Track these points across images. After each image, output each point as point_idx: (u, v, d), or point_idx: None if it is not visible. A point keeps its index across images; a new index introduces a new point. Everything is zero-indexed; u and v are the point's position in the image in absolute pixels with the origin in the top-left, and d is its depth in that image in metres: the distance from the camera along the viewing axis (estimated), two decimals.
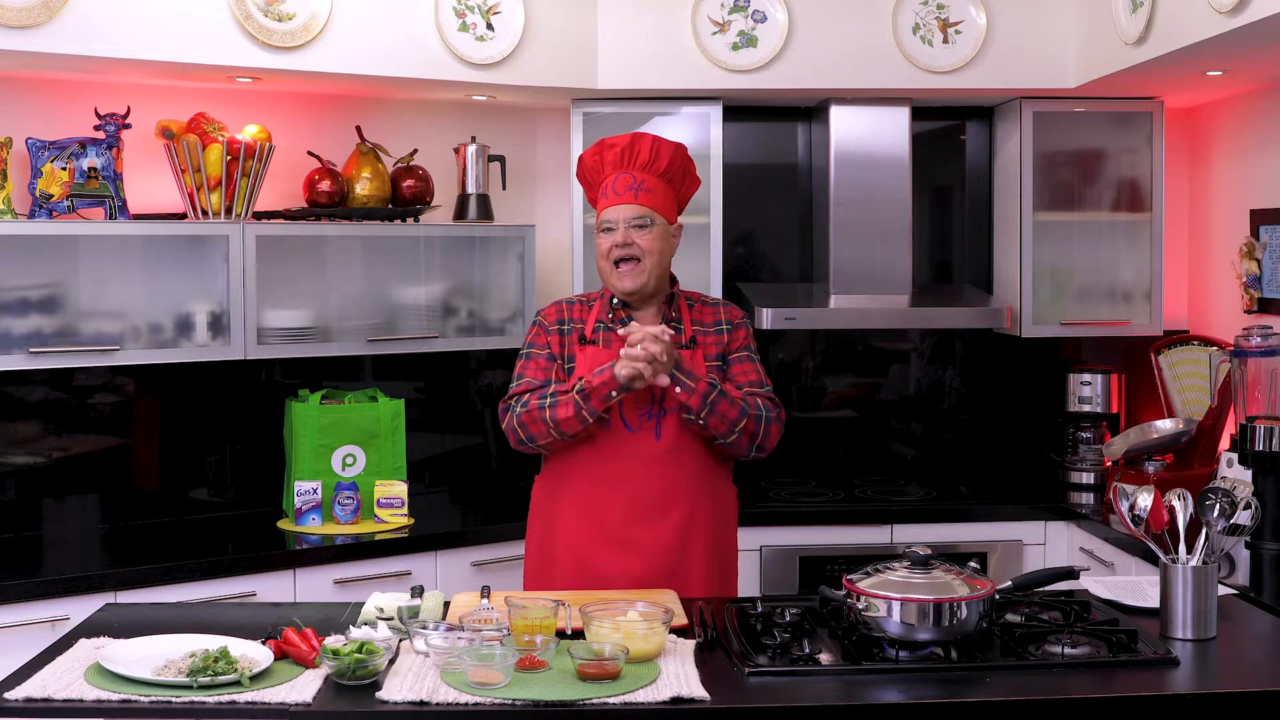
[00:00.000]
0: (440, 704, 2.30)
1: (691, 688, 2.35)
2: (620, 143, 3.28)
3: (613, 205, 3.24)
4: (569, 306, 3.35)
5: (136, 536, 4.02)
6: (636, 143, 3.28)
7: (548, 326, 3.31)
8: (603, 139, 3.33)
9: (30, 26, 3.45)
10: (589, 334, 3.27)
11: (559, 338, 3.29)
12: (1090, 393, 4.71)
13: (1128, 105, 4.56)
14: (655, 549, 3.19)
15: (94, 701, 2.33)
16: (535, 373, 3.28)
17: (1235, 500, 2.72)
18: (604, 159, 3.29)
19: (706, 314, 3.33)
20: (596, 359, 3.21)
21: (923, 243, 4.85)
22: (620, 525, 3.20)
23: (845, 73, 4.32)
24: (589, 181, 3.36)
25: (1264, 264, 4.33)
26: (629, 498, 3.20)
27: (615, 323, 3.26)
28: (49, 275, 3.77)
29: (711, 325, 3.31)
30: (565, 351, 3.27)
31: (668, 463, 3.20)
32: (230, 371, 4.27)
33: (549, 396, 3.17)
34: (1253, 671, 2.69)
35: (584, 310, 3.33)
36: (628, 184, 3.25)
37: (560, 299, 3.41)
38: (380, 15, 3.97)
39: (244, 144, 3.95)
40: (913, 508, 4.39)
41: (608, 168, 3.28)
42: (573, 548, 3.24)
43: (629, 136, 3.29)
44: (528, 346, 3.34)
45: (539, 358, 3.29)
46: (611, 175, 3.27)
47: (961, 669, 2.49)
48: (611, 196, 3.25)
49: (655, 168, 3.28)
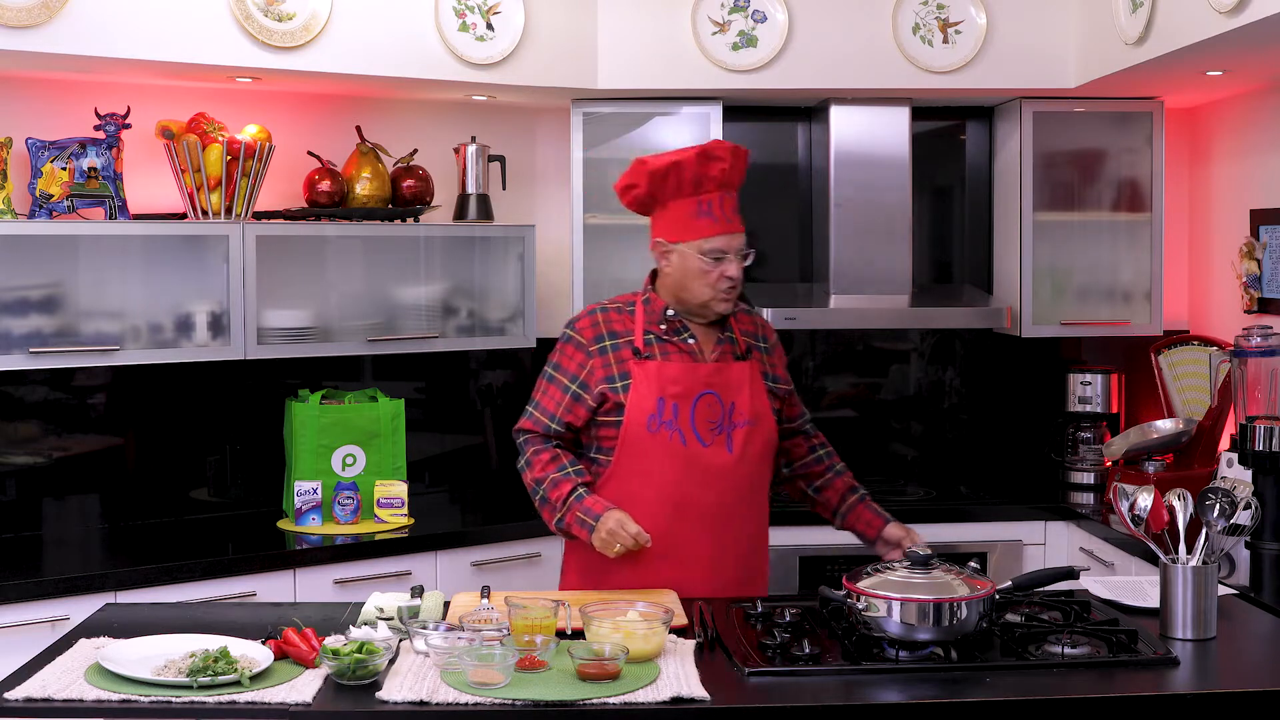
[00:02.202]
0: (440, 704, 2.30)
1: (691, 688, 2.35)
2: (726, 158, 3.07)
3: (725, 233, 3.06)
4: (605, 316, 3.17)
5: (136, 536, 4.02)
6: (738, 159, 3.10)
7: (587, 348, 3.13)
8: (705, 148, 3.09)
9: (30, 26, 3.45)
10: (642, 346, 3.12)
11: (601, 358, 3.11)
12: (1090, 393, 4.71)
13: (1128, 105, 4.56)
14: (724, 562, 3.12)
15: (94, 701, 2.33)
16: (550, 405, 3.14)
17: (1235, 500, 2.72)
18: (708, 172, 3.06)
19: (746, 322, 3.24)
20: (661, 374, 3.08)
21: (923, 243, 4.85)
22: (695, 542, 3.10)
23: (845, 73, 4.32)
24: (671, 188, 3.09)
25: (1264, 264, 4.33)
26: (708, 513, 3.10)
27: (671, 333, 3.12)
28: (49, 275, 3.77)
29: (751, 335, 3.23)
30: (615, 370, 3.10)
31: (738, 476, 3.13)
32: (230, 371, 4.27)
33: (542, 492, 3.10)
34: (1253, 671, 2.69)
35: (625, 319, 3.16)
36: (732, 207, 3.10)
37: (594, 307, 3.21)
38: (380, 15, 3.97)
39: (244, 144, 3.95)
40: (913, 508, 4.38)
41: (710, 184, 3.07)
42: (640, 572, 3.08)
43: (730, 148, 3.10)
44: (553, 365, 3.17)
45: (559, 386, 3.14)
46: (715, 194, 3.07)
47: (961, 669, 2.49)
48: (722, 222, 3.06)
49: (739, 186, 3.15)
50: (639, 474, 3.10)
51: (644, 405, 3.08)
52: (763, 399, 3.17)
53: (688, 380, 3.10)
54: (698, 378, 3.11)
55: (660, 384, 3.09)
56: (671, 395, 3.08)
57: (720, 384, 3.12)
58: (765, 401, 3.18)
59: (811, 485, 3.37)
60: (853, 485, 3.35)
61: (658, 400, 3.08)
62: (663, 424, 3.07)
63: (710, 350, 3.16)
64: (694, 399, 3.08)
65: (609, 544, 2.99)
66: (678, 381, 3.09)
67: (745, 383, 3.15)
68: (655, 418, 3.07)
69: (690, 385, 3.10)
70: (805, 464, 3.37)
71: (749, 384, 3.15)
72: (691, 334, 3.15)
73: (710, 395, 3.10)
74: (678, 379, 3.10)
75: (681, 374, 3.10)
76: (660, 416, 3.07)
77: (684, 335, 3.15)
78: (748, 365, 3.17)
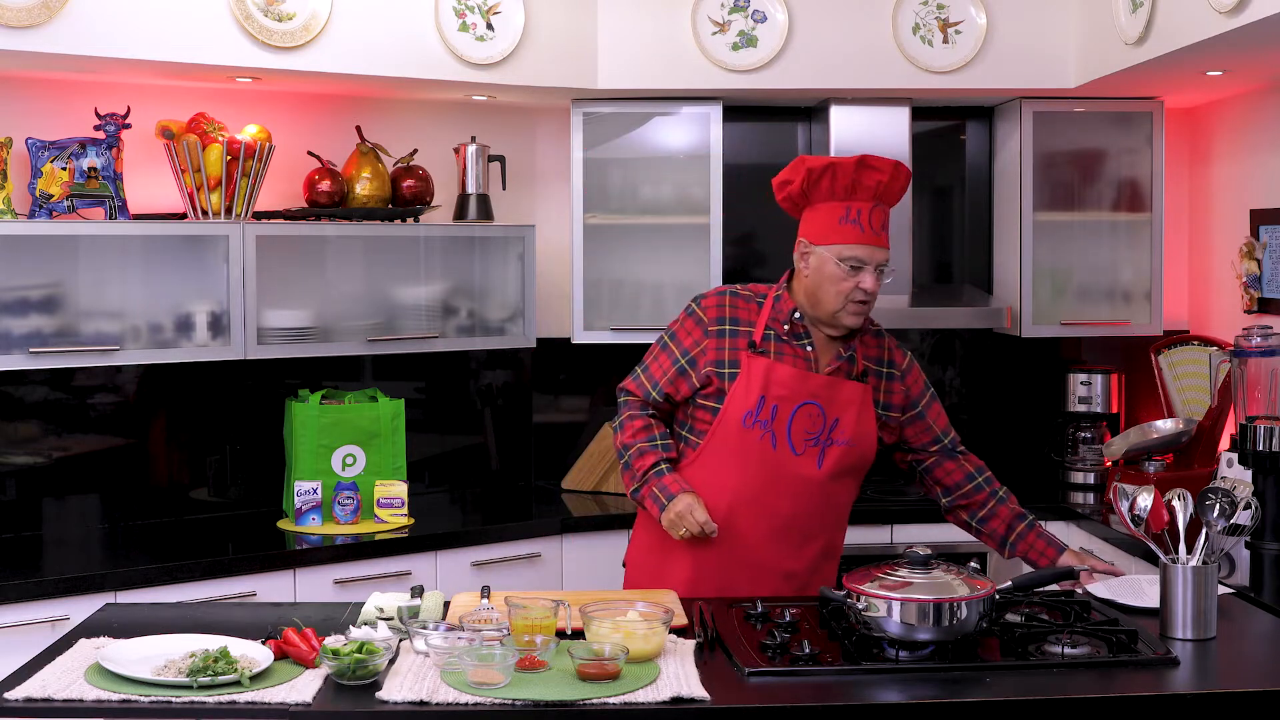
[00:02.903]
0: (440, 704, 2.30)
1: (691, 688, 2.35)
2: (885, 171, 3.04)
3: (870, 244, 3.02)
4: (734, 300, 3.13)
5: (136, 536, 4.02)
6: (898, 176, 3.06)
7: (706, 326, 3.11)
8: (865, 156, 3.06)
9: (30, 26, 3.45)
10: (759, 340, 3.08)
11: (717, 340, 3.09)
12: (1090, 393, 4.71)
13: (1128, 105, 4.56)
14: (787, 575, 3.09)
15: (94, 701, 2.33)
16: (656, 372, 3.14)
17: (1235, 500, 2.72)
18: (862, 181, 3.03)
19: (871, 346, 3.17)
20: (770, 373, 3.05)
21: (923, 243, 4.85)
22: (759, 545, 3.08)
23: (845, 73, 4.32)
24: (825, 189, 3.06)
25: (1264, 264, 4.33)
26: (778, 521, 3.08)
27: (791, 336, 3.09)
28: (49, 275, 3.77)
29: (874, 360, 3.17)
30: (727, 355, 3.08)
31: (821, 492, 3.09)
32: (230, 371, 4.27)
33: (624, 459, 3.11)
34: (1253, 671, 2.69)
35: (752, 310, 3.12)
36: (881, 222, 3.06)
37: (724, 288, 3.17)
38: (380, 15, 3.97)
39: (244, 144, 3.95)
40: (913, 508, 4.38)
41: (863, 193, 3.04)
42: (699, 559, 3.09)
43: (891, 165, 3.05)
44: (669, 335, 3.15)
45: (670, 357, 3.13)
46: (867, 204, 3.04)
47: (961, 669, 2.49)
48: (869, 233, 3.02)
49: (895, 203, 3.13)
50: (723, 466, 3.08)
51: (745, 399, 3.06)
52: (869, 423, 3.12)
53: (794, 386, 3.06)
54: (805, 386, 3.07)
55: (766, 383, 3.06)
56: (774, 397, 3.05)
57: (827, 398, 3.07)
58: (871, 426, 3.12)
59: (975, 517, 3.25)
60: (1019, 513, 3.22)
61: (759, 398, 3.05)
62: (758, 422, 3.05)
63: (826, 363, 3.11)
64: (796, 406, 3.04)
65: (675, 526, 3.00)
66: (784, 385, 3.06)
67: (854, 403, 3.09)
68: (752, 415, 3.05)
69: (796, 391, 3.06)
70: (965, 492, 3.25)
71: (858, 405, 3.10)
72: (811, 342, 3.11)
73: (813, 406, 3.05)
74: (785, 382, 3.06)
75: (790, 378, 3.06)
76: (758, 415, 3.05)
77: (804, 341, 3.11)
78: (860, 387, 3.11)
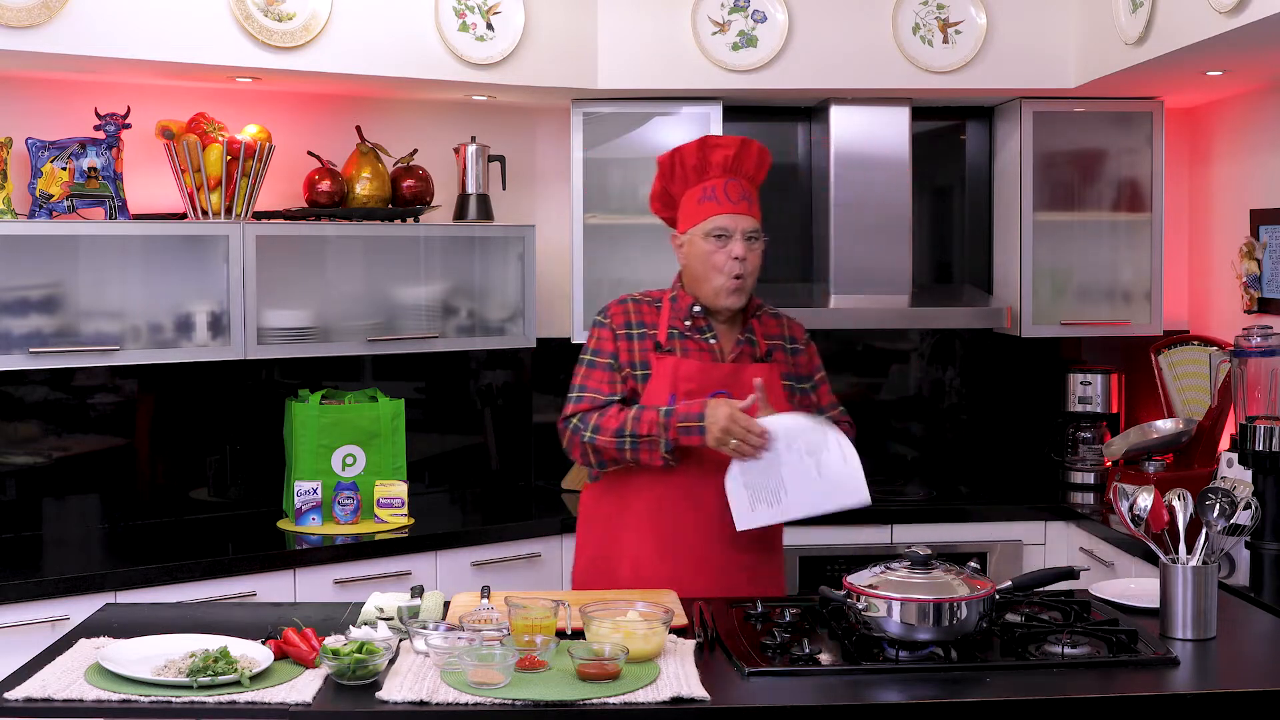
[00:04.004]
0: (440, 704, 2.30)
1: (691, 688, 2.35)
2: (730, 145, 3.13)
3: (729, 213, 3.09)
4: (636, 307, 3.20)
5: (136, 536, 4.02)
6: (746, 149, 3.14)
7: (615, 331, 3.17)
8: (706, 137, 3.18)
9: (30, 26, 3.45)
10: (664, 341, 3.14)
11: (627, 344, 3.15)
12: (1090, 393, 4.71)
13: (1128, 105, 4.56)
14: (729, 568, 3.12)
15: (94, 701, 2.33)
16: (599, 385, 3.14)
17: (1235, 500, 2.72)
18: (710, 159, 3.12)
19: (771, 326, 3.25)
20: (677, 369, 3.11)
21: (923, 243, 4.85)
22: (694, 538, 3.11)
23: (845, 73, 4.32)
24: (678, 177, 3.17)
25: (1264, 264, 4.33)
26: (707, 511, 3.10)
27: (694, 331, 3.16)
28: (49, 275, 3.77)
29: (776, 338, 3.23)
30: (637, 358, 3.14)
31: None
32: (230, 371, 4.27)
33: (629, 439, 3.05)
34: (1253, 671, 2.69)
35: (653, 312, 3.19)
36: (740, 192, 3.12)
37: (625, 297, 3.24)
38: (380, 15, 3.97)
39: (244, 144, 3.95)
40: (913, 508, 4.39)
41: (713, 170, 3.12)
42: (640, 563, 3.12)
43: (738, 140, 3.14)
44: (590, 352, 3.18)
45: (602, 367, 3.15)
46: (720, 179, 3.12)
47: (961, 669, 2.49)
48: (725, 203, 3.10)
49: (758, 179, 3.17)
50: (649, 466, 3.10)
51: (657, 398, 3.10)
52: (781, 403, 3.16)
53: (702, 378, 3.11)
54: (712, 376, 3.12)
55: (674, 378, 3.11)
56: (684, 391, 3.10)
57: (735, 384, 3.11)
58: (784, 407, 3.15)
59: None
60: None
61: (670, 395, 3.10)
62: None
63: (730, 350, 3.17)
64: (707, 397, 3.07)
65: (725, 439, 2.96)
66: (691, 378, 3.11)
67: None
68: None
69: (704, 383, 3.11)
70: None
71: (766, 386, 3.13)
72: (714, 334, 3.17)
73: (723, 394, 3.08)
74: (692, 376, 3.11)
75: (696, 371, 3.12)
76: None
77: (706, 335, 3.16)
78: (766, 367, 3.17)
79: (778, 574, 3.29)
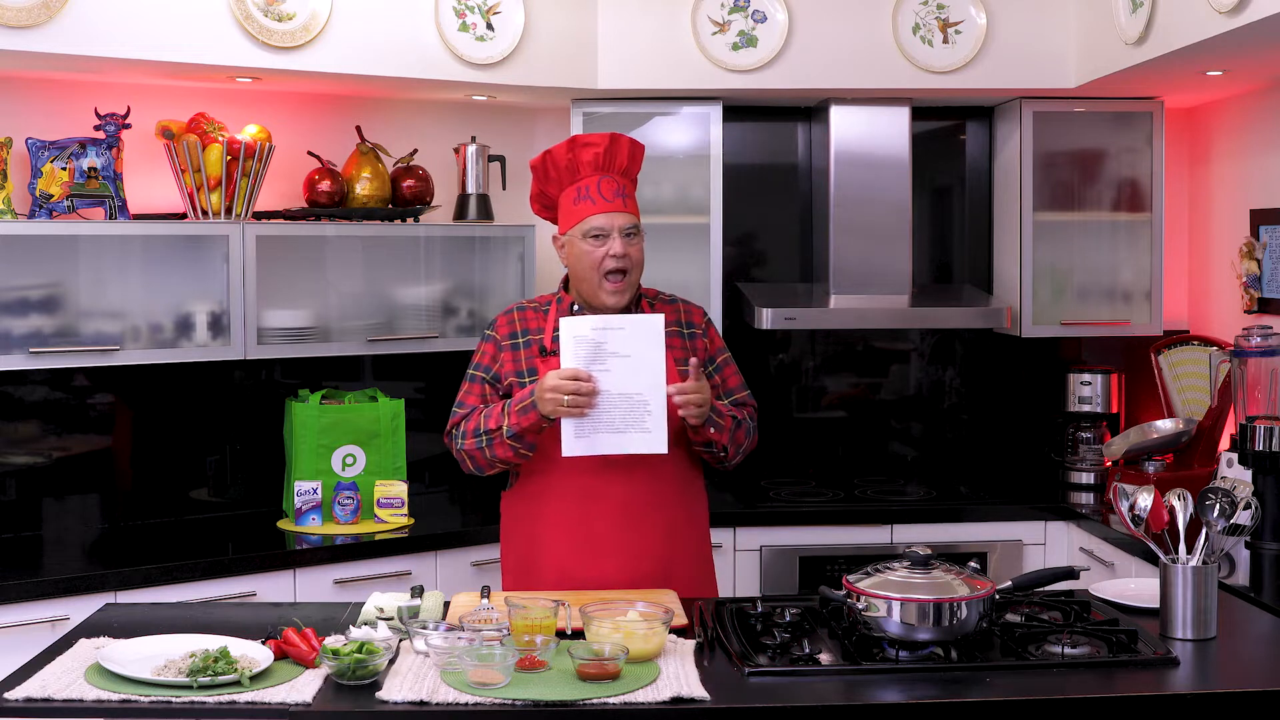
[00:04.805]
0: (440, 704, 2.30)
1: (691, 688, 2.35)
2: (599, 142, 3.15)
3: (604, 211, 3.12)
4: (521, 315, 3.24)
5: (136, 536, 4.02)
6: (616, 144, 3.16)
7: (499, 342, 3.20)
8: (575, 136, 3.21)
9: (30, 26, 3.45)
10: (549, 345, 3.16)
11: (512, 353, 3.18)
12: (1090, 393, 4.71)
13: (1128, 105, 4.57)
14: (643, 555, 3.14)
15: (94, 701, 2.33)
16: (474, 400, 3.19)
17: (1235, 500, 2.72)
18: (580, 159, 3.15)
19: (667, 312, 3.21)
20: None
21: (923, 243, 4.85)
22: (609, 533, 3.14)
23: (845, 73, 4.32)
24: (553, 179, 3.20)
25: (1264, 264, 4.33)
26: (617, 506, 3.14)
27: None
28: (49, 275, 3.77)
29: (672, 325, 3.22)
30: (524, 365, 3.16)
31: (653, 468, 3.14)
32: (230, 371, 4.27)
33: (484, 436, 3.09)
34: (1253, 671, 2.69)
35: (540, 317, 3.22)
36: (614, 189, 3.15)
37: (512, 306, 3.29)
38: (380, 15, 3.97)
39: (244, 144, 3.96)
40: (913, 508, 4.39)
41: (585, 169, 3.15)
42: (559, 559, 3.16)
43: (607, 136, 3.16)
44: (472, 366, 3.23)
45: (478, 380, 3.20)
46: (592, 178, 3.15)
47: (961, 669, 2.49)
48: (600, 202, 3.13)
49: (631, 172, 3.20)
50: (552, 468, 3.14)
51: None
52: None
53: None
54: None
55: None
56: None
57: None
58: None
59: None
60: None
61: None
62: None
63: None
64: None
65: (556, 400, 2.97)
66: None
67: None
68: None
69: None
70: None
71: None
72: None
73: None
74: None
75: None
76: None
77: None
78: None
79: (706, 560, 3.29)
